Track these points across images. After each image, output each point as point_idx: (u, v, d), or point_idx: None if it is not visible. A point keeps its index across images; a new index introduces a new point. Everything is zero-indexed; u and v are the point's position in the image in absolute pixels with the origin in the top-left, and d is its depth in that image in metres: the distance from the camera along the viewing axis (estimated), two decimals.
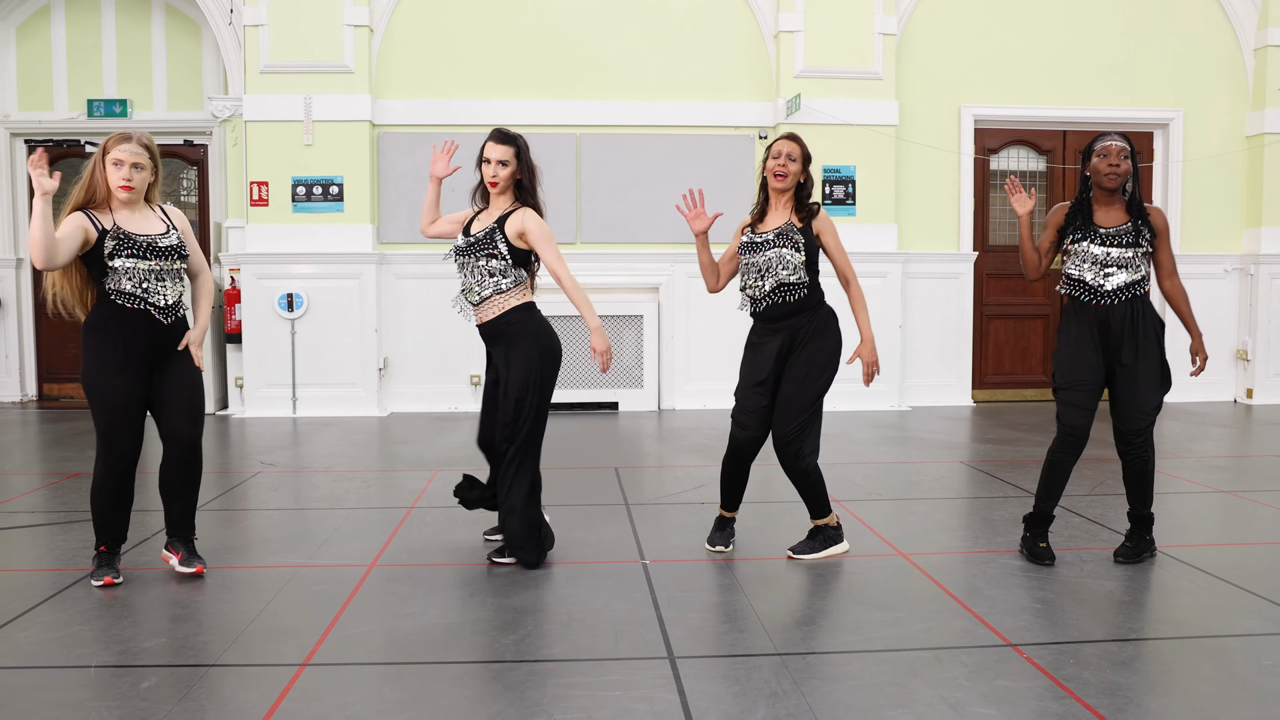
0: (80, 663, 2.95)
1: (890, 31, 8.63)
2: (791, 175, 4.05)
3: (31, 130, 9.34)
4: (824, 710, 2.62)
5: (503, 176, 4.00)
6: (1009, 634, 3.19)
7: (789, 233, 4.01)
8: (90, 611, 3.42)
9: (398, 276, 8.57)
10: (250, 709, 2.63)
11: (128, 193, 3.67)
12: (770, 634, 3.20)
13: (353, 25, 8.34)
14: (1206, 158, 9.17)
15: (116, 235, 3.64)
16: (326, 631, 3.23)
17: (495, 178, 4.00)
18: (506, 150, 4.01)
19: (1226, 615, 3.38)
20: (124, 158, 3.65)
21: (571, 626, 3.28)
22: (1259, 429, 7.76)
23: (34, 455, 6.72)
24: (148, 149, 3.74)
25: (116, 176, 3.66)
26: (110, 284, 3.66)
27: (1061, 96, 9.04)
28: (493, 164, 4.00)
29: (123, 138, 3.69)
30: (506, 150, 4.01)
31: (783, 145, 4.07)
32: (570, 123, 8.65)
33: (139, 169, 3.69)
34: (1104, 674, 2.86)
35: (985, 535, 4.49)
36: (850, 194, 8.71)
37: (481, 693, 2.77)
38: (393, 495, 5.33)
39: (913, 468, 6.18)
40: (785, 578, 3.85)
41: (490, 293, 3.99)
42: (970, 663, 2.96)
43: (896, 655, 3.02)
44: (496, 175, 3.99)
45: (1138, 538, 4.10)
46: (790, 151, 4.05)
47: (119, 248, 3.64)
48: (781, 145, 4.07)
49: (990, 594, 3.62)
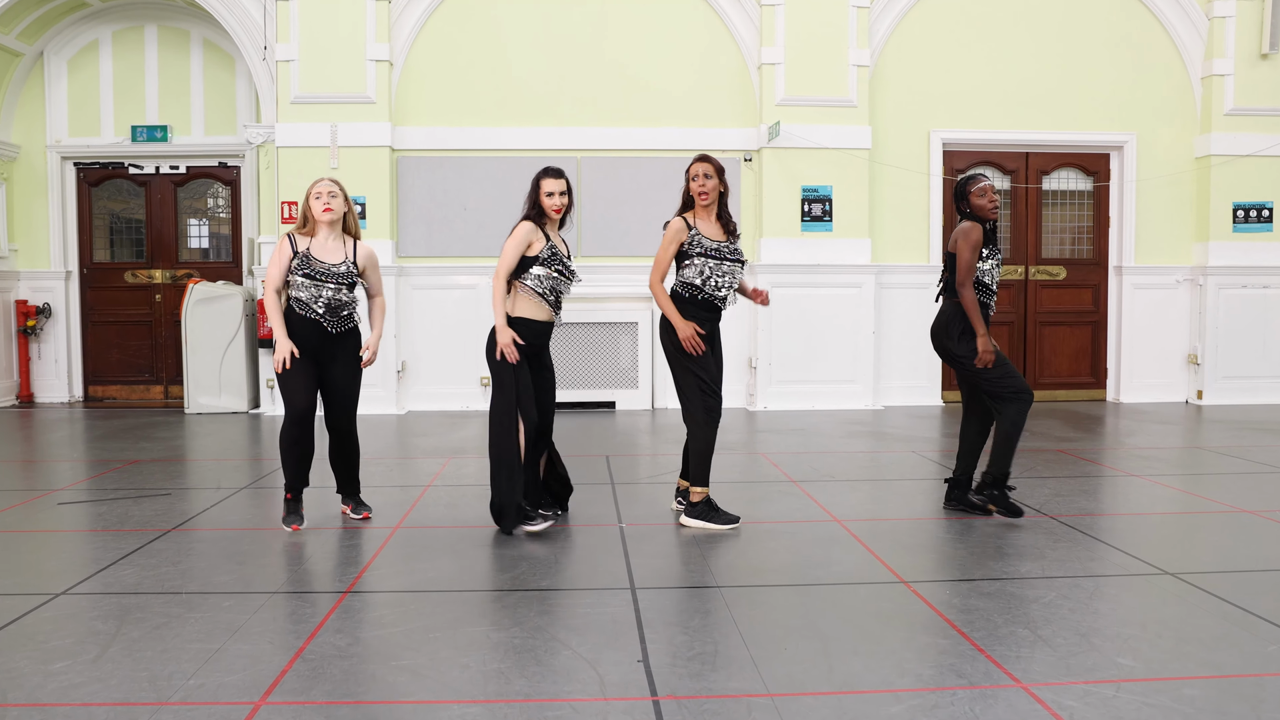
0: (173, 590, 3.79)
1: (864, 63, 9.45)
2: (712, 190, 4.83)
3: (80, 154, 10.24)
4: (745, 623, 3.43)
5: (565, 205, 4.80)
6: (901, 571, 4.00)
7: (739, 253, 4.86)
8: (174, 557, 4.26)
9: (415, 287, 9.42)
10: (308, 618, 3.46)
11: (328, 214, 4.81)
12: (715, 573, 4.01)
13: (375, 60, 9.22)
14: (1158, 177, 9.95)
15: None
16: (363, 571, 4.07)
17: (560, 206, 4.77)
18: (564, 183, 4.80)
19: (1083, 563, 4.18)
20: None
21: (557, 566, 4.11)
22: (1204, 426, 8.51)
23: (94, 446, 7.58)
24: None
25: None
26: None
27: (1024, 122, 9.84)
28: (555, 195, 4.75)
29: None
30: (564, 183, 4.80)
31: (698, 167, 4.83)
32: (572, 147, 9.50)
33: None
34: (969, 601, 3.66)
35: (905, 504, 5.29)
36: (828, 211, 9.52)
37: (483, 606, 3.59)
38: (412, 476, 6.17)
39: (870, 455, 6.98)
40: (738, 539, 4.66)
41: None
42: (863, 594, 3.77)
43: (810, 588, 3.84)
44: (560, 204, 4.77)
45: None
46: (705, 170, 4.82)
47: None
48: (697, 167, 4.83)
49: (901, 546, 4.43)
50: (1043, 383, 10.20)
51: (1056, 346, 10.23)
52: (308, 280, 4.72)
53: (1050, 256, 10.19)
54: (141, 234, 10.48)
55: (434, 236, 9.45)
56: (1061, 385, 10.24)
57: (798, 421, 8.61)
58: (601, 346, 9.49)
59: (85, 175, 10.38)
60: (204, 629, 3.35)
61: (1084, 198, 10.21)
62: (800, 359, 9.44)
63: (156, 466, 6.53)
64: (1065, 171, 10.16)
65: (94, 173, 10.38)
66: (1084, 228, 10.22)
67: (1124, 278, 10.03)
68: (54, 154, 10.22)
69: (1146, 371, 10.09)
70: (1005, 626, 3.39)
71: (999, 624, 3.41)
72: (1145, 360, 10.08)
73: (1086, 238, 10.22)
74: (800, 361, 9.44)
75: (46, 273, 10.27)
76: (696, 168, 4.83)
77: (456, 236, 9.46)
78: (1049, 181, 10.15)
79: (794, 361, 9.40)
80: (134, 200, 10.49)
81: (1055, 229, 10.21)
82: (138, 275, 10.44)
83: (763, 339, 9.44)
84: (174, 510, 5.18)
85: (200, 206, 10.56)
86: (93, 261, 10.45)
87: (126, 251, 10.52)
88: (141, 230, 10.47)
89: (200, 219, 10.58)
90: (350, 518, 5.03)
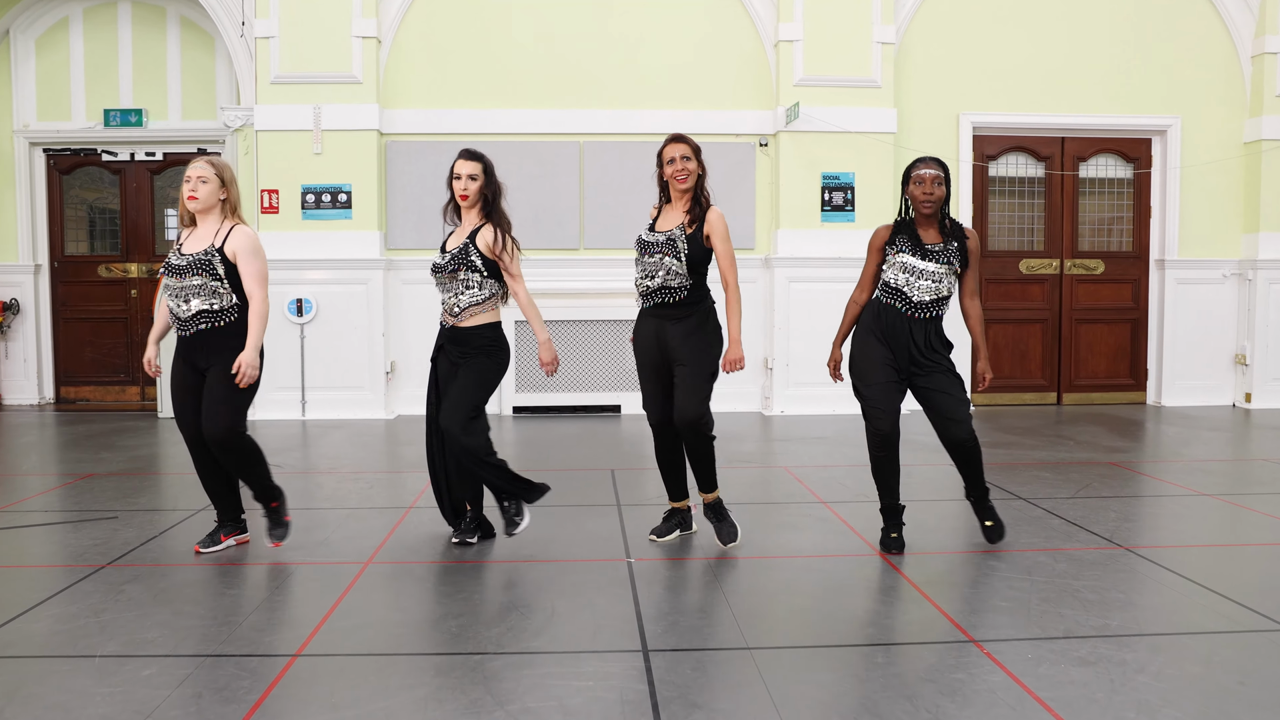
0: (86, 652, 3.12)
1: (889, 40, 8.76)
2: (691, 174, 4.20)
3: (49, 139, 9.57)
4: (785, 702, 2.76)
5: (473, 191, 4.24)
6: (972, 631, 3.32)
7: (676, 240, 4.19)
8: (98, 605, 3.59)
9: (404, 282, 8.75)
10: (242, 696, 2.79)
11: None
12: (743, 628, 3.34)
13: (361, 37, 8.53)
14: (1204, 164, 9.25)
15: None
16: (320, 624, 3.39)
17: (465, 191, 4.24)
18: (475, 166, 4.27)
19: (1185, 614, 3.50)
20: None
21: (553, 620, 3.44)
22: (1257, 434, 7.83)
23: (51, 456, 6.92)
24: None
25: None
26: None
27: (1059, 104, 9.14)
28: (463, 179, 4.24)
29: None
30: (475, 166, 4.27)
31: (673, 149, 4.21)
32: (573, 131, 8.82)
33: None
34: (1061, 669, 2.99)
35: (966, 535, 4.61)
36: (849, 200, 8.84)
37: (461, 681, 2.92)
38: (394, 496, 5.50)
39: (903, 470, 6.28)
40: (765, 576, 3.99)
41: (468, 304, 4.26)
42: (929, 658, 3.09)
43: (860, 649, 3.16)
44: (467, 189, 4.24)
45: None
46: (682, 153, 4.19)
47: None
48: (672, 149, 4.21)
49: (963, 591, 3.75)
50: (1078, 384, 9.50)
51: (1093, 345, 9.53)
52: (168, 274, 4.11)
53: (1087, 249, 9.49)
54: (116, 225, 9.80)
55: (425, 227, 8.76)
56: (1098, 387, 9.54)
57: (818, 428, 7.93)
58: (605, 346, 8.81)
59: (55, 162, 9.72)
60: (108, 711, 2.68)
61: (1123, 186, 9.51)
62: (820, 360, 8.72)
63: (112, 482, 5.87)
64: (1103, 158, 9.45)
65: (65, 160, 9.72)
66: (1123, 218, 9.51)
67: (1166, 272, 9.32)
68: (21, 140, 9.54)
69: (1190, 373, 9.39)
70: (1115, 710, 2.71)
71: (1105, 706, 2.73)
72: (1189, 360, 9.38)
73: (1126, 229, 9.51)
74: (820, 363, 8.72)
75: (14, 266, 9.60)
76: (671, 149, 4.21)
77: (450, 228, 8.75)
78: (1086, 169, 9.44)
79: (813, 363, 8.70)
80: (108, 189, 9.81)
81: (1092, 220, 9.51)
82: (112, 269, 9.77)
83: (779, 338, 8.76)
84: (115, 539, 4.51)
85: (179, 196, 9.86)
86: (64, 254, 9.78)
87: (100, 244, 9.85)
88: (116, 221, 9.80)
89: (178, 208, 9.89)
90: (209, 553, 4.29)
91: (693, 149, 4.23)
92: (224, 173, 4.16)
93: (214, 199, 4.13)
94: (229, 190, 4.18)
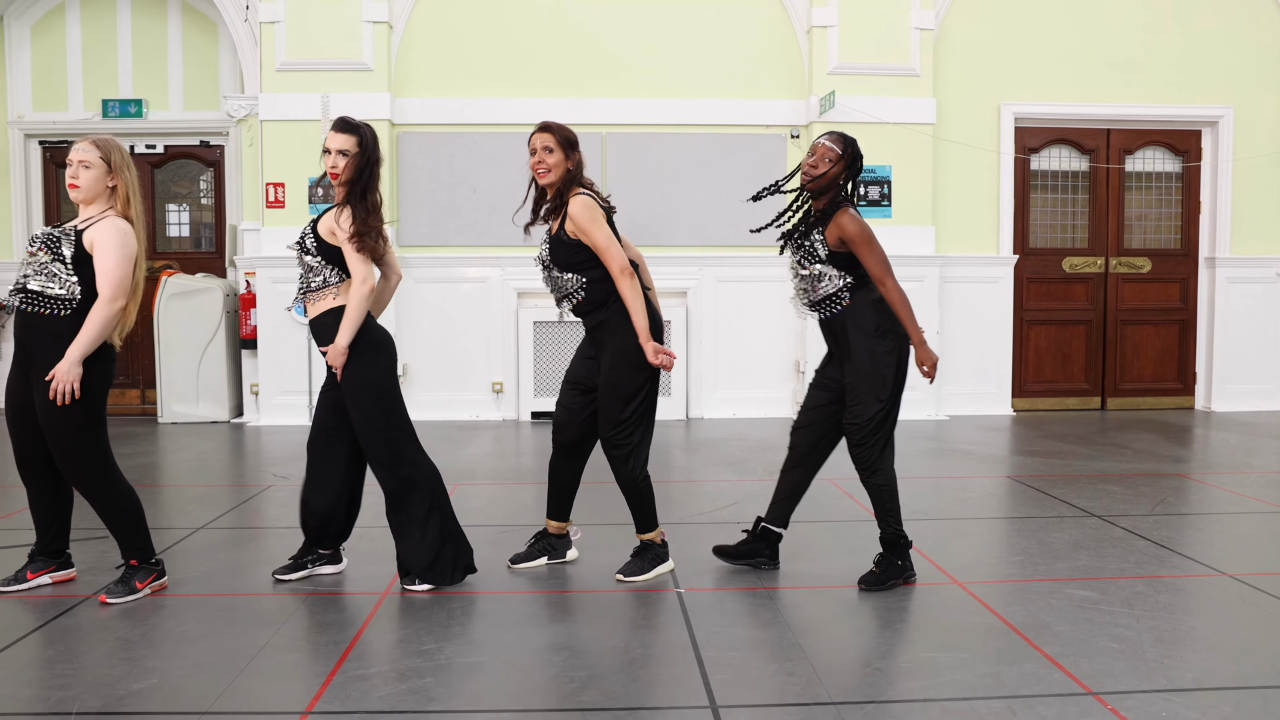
0: (61, 708, 2.68)
1: (927, 26, 8.30)
2: (554, 168, 3.69)
3: (46, 131, 9.14)
4: None
5: (342, 166, 3.71)
6: (1087, 680, 2.87)
7: (554, 248, 3.73)
8: (78, 646, 3.15)
9: (417, 280, 8.30)
10: None
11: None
12: (822, 678, 2.89)
13: (372, 21, 8.09)
14: (1257, 157, 8.78)
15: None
16: (332, 673, 2.94)
17: (334, 168, 3.71)
18: (348, 140, 3.71)
19: None
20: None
21: (601, 669, 2.99)
22: None
23: None
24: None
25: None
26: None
27: (1105, 94, 8.67)
28: (332, 154, 3.71)
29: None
30: (348, 140, 3.71)
31: (535, 139, 3.71)
32: (595, 121, 8.35)
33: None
34: None
35: (1045, 561, 4.16)
36: (886, 195, 8.39)
37: None
38: None
39: (957, 483, 5.85)
40: (832, 609, 3.54)
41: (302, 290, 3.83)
42: (1049, 715, 2.64)
43: (966, 705, 2.71)
44: (335, 165, 3.71)
45: (887, 561, 3.78)
46: (544, 143, 3.69)
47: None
48: (535, 140, 3.71)
49: (1059, 630, 3.30)
50: (1123, 388, 9.03)
51: (1140, 347, 9.05)
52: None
53: (1133, 247, 9.01)
54: None
55: (439, 223, 8.32)
56: (1145, 391, 9.06)
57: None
58: None
59: (51, 155, 9.29)
60: None
61: (1171, 180, 9.04)
62: None
63: None
64: (1151, 150, 8.98)
65: (61, 152, 9.28)
66: (1172, 214, 9.04)
67: (1216, 270, 8.85)
68: (16, 131, 9.12)
69: (1241, 376, 8.91)
70: None
71: None
72: (1240, 363, 8.91)
73: (1174, 225, 9.03)
74: None
75: (8, 263, 9.13)
76: (535, 139, 3.71)
77: (465, 223, 8.32)
78: (1132, 162, 8.98)
79: None
80: None
81: (1139, 216, 9.04)
82: None
83: (811, 341, 8.28)
84: (103, 564, 4.07)
85: (180, 190, 9.46)
86: None
87: None
88: None
89: (180, 204, 9.48)
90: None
91: (558, 140, 3.68)
92: (111, 155, 3.51)
93: (100, 187, 3.50)
94: (118, 177, 3.52)
